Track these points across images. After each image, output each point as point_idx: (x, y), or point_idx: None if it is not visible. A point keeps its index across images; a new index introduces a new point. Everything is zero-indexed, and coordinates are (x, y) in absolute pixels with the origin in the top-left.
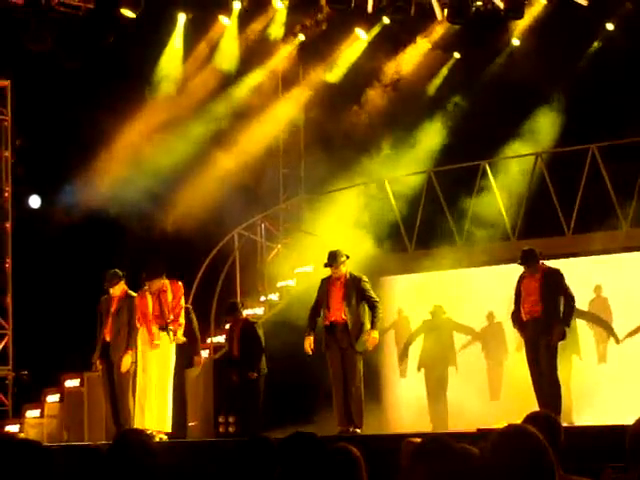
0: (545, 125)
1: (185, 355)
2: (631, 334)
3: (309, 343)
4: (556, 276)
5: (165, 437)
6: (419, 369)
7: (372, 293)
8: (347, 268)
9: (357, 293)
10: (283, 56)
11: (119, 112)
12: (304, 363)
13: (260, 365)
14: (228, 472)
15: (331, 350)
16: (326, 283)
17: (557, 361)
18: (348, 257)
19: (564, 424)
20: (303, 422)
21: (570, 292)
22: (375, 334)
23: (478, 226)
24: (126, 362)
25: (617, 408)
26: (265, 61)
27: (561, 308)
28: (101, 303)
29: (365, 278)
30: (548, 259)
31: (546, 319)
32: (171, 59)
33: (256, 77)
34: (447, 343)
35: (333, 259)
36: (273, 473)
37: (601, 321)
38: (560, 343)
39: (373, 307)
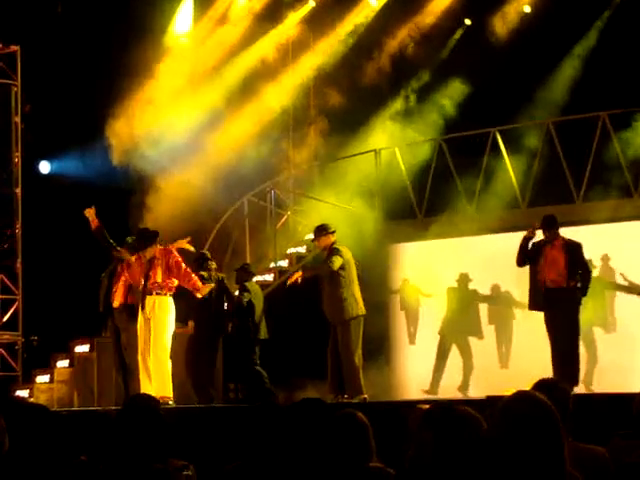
0: (556, 92)
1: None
2: None
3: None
4: (579, 249)
5: (172, 403)
6: (440, 334)
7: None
8: (331, 239)
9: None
10: (293, 23)
11: (129, 77)
12: (313, 329)
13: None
14: (236, 438)
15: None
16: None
17: (579, 331)
18: (332, 232)
19: (583, 392)
20: (310, 387)
21: (588, 266)
22: (298, 273)
23: (488, 194)
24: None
25: (630, 376)
26: (275, 28)
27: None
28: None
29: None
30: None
31: (572, 288)
32: (181, 27)
33: (266, 44)
34: (473, 314)
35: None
36: (280, 439)
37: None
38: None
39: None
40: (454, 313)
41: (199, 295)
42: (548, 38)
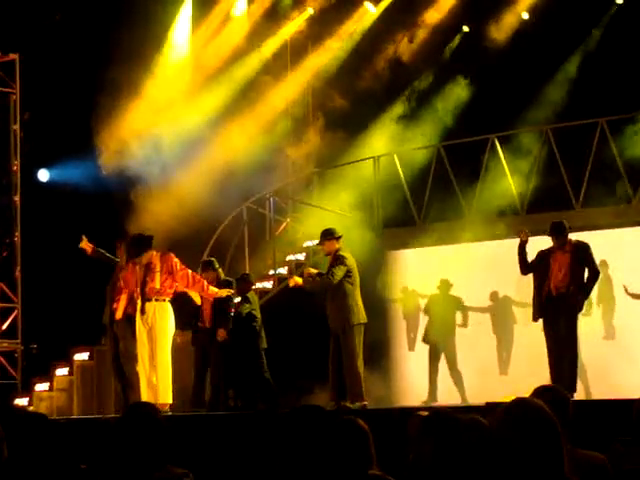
0: (554, 98)
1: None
2: None
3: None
4: (586, 249)
5: (169, 411)
6: (423, 341)
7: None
8: (336, 246)
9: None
10: (292, 30)
11: (127, 85)
12: (314, 332)
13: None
14: (236, 445)
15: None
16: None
17: (577, 336)
18: (338, 237)
19: (583, 398)
20: (317, 390)
21: (596, 266)
22: (299, 280)
23: (487, 200)
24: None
25: (630, 383)
26: (274, 35)
27: (584, 280)
28: None
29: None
30: None
31: (571, 293)
32: (180, 33)
33: (265, 50)
34: (451, 319)
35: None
36: (279, 446)
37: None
38: None
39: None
40: (437, 320)
41: (211, 297)
42: (546, 44)
